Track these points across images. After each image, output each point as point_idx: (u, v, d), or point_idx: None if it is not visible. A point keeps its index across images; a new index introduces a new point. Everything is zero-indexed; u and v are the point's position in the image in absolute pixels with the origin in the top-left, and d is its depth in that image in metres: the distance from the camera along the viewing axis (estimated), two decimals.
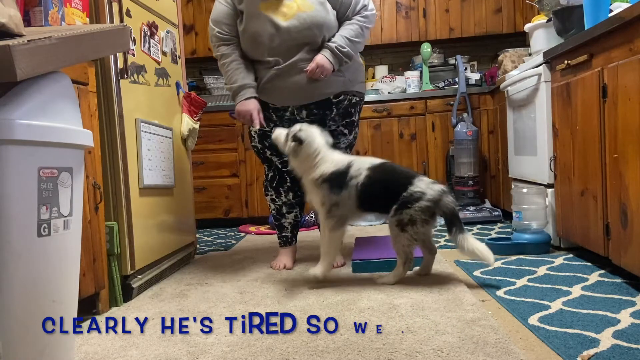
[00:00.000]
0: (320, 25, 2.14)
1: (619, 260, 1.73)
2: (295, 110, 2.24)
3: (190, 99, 2.55)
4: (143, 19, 2.18)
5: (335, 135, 2.27)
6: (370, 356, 1.28)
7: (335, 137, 2.25)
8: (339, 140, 2.29)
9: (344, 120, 2.31)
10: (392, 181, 1.95)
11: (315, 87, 2.17)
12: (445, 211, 1.89)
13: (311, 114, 2.24)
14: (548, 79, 2.38)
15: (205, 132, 3.78)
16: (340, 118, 2.29)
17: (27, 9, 1.58)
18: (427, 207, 1.88)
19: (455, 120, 3.57)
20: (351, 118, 2.32)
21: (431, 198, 1.88)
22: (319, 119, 2.23)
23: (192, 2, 4.22)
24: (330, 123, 2.27)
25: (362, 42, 2.24)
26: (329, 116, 2.25)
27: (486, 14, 4.01)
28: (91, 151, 1.73)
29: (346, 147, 2.33)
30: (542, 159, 2.45)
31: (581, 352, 1.22)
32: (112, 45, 1.33)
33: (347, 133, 2.33)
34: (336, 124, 2.29)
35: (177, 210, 2.45)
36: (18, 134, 0.98)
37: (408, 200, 1.89)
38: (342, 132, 2.31)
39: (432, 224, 1.95)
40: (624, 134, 1.64)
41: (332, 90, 2.21)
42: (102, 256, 1.79)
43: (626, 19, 1.60)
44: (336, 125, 2.29)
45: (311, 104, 2.22)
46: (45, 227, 1.07)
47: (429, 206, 1.88)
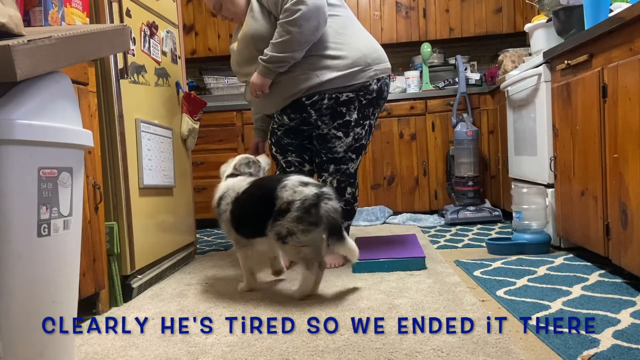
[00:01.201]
0: (249, 38, 2.15)
1: (619, 260, 1.73)
2: (277, 115, 2.28)
3: (190, 99, 2.55)
4: (143, 19, 2.18)
5: (329, 139, 2.21)
6: (370, 356, 1.28)
7: (329, 141, 2.22)
8: (334, 145, 2.22)
9: (335, 122, 2.17)
10: (257, 198, 1.79)
11: (273, 95, 2.18)
12: (325, 221, 1.69)
13: (291, 118, 2.23)
14: (548, 79, 2.38)
15: (205, 132, 3.78)
16: (330, 120, 2.17)
17: (27, 9, 1.58)
18: (299, 217, 1.67)
19: (455, 120, 3.57)
20: (344, 118, 2.16)
21: (301, 206, 1.67)
22: (301, 122, 2.22)
23: (192, 2, 4.22)
24: (322, 126, 2.20)
25: (291, 39, 2.01)
26: (310, 118, 2.18)
27: (486, 14, 4.01)
28: (91, 151, 1.73)
29: (346, 151, 2.23)
30: (542, 159, 2.45)
31: (581, 352, 1.22)
32: (112, 45, 1.33)
33: (342, 135, 2.19)
34: (328, 127, 2.19)
35: (177, 210, 2.45)
36: (18, 134, 0.98)
37: (279, 213, 1.70)
38: (336, 136, 2.19)
39: (317, 231, 1.71)
40: (624, 134, 1.64)
41: (293, 91, 2.12)
42: (102, 256, 1.79)
43: (626, 19, 1.60)
44: (328, 128, 2.19)
45: (286, 108, 2.20)
46: (45, 227, 1.07)
47: (300, 216, 1.67)
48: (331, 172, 2.27)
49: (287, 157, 2.34)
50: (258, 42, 2.13)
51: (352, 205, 2.33)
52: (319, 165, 2.31)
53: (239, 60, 2.26)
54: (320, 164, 2.30)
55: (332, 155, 2.24)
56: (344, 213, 2.31)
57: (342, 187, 2.28)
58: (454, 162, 3.60)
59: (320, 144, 2.25)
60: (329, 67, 2.11)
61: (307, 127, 2.25)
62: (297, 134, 2.30)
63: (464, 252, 2.51)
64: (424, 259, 2.15)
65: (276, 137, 2.34)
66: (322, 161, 2.29)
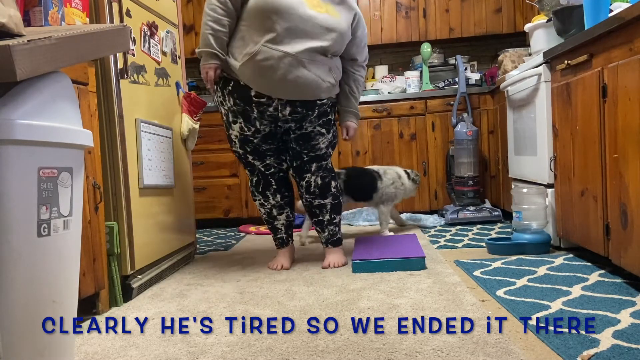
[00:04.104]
0: (341, 35, 2.17)
1: (619, 260, 1.73)
2: (280, 106, 2.15)
3: (190, 99, 2.55)
4: (143, 19, 2.18)
5: (313, 136, 2.27)
6: (370, 356, 1.28)
7: (313, 139, 2.27)
8: (317, 142, 2.28)
9: (321, 120, 2.27)
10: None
11: (313, 86, 2.14)
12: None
13: (294, 112, 2.18)
14: (548, 79, 2.38)
15: (205, 132, 3.78)
16: (317, 119, 2.26)
17: (27, 9, 1.58)
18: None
19: (455, 120, 3.57)
20: (328, 117, 2.30)
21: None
22: (299, 119, 2.21)
23: (192, 2, 4.22)
24: (307, 125, 2.25)
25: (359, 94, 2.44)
26: (310, 117, 2.22)
27: (486, 14, 4.01)
28: (91, 151, 1.73)
29: (327, 147, 2.32)
30: (542, 159, 2.45)
31: (581, 352, 1.22)
32: (112, 45, 1.33)
33: (326, 132, 2.30)
34: (312, 125, 2.25)
35: (177, 210, 2.45)
36: (18, 134, 0.98)
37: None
38: (320, 132, 2.28)
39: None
40: (624, 134, 1.64)
41: (324, 95, 2.21)
42: (102, 256, 1.79)
43: (626, 19, 1.60)
44: (312, 126, 2.26)
45: (297, 101, 2.17)
46: (45, 227, 1.07)
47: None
48: (314, 171, 2.31)
49: (265, 161, 2.30)
50: (341, 42, 2.20)
51: (338, 199, 2.39)
52: (300, 168, 2.32)
53: (309, 30, 2.09)
54: (301, 166, 2.31)
55: (314, 153, 2.30)
56: (335, 207, 2.37)
57: (327, 182, 2.34)
58: (454, 162, 3.60)
59: (303, 144, 2.28)
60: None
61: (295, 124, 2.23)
62: (274, 139, 2.28)
63: (464, 252, 2.51)
64: (424, 259, 2.15)
65: (252, 145, 2.25)
66: (303, 162, 2.31)
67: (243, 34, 2.13)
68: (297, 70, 2.08)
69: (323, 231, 2.38)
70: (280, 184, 2.36)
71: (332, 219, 2.37)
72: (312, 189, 2.33)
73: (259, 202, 2.39)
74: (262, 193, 2.36)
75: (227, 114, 2.23)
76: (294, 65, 2.07)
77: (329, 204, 2.35)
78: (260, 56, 2.06)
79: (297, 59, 2.07)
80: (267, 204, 2.37)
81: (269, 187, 2.35)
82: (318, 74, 2.13)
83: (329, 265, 2.29)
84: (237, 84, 2.15)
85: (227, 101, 2.19)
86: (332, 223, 2.37)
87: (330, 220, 2.36)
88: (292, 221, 2.45)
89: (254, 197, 2.40)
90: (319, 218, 2.37)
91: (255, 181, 2.36)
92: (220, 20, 2.11)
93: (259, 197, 2.37)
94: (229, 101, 2.19)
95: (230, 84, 2.17)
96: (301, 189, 2.36)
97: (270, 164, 2.32)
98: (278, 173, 2.36)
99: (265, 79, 2.08)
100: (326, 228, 2.37)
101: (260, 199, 2.37)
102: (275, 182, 2.35)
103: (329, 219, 2.36)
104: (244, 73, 2.10)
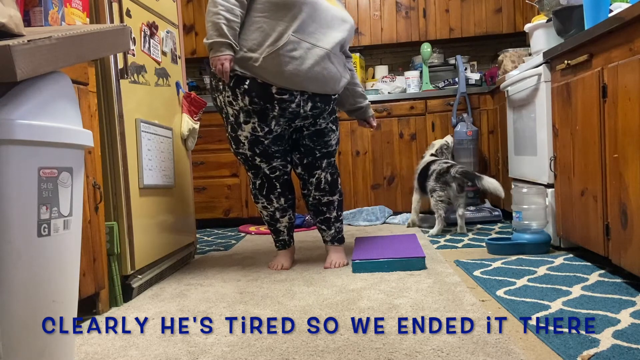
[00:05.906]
0: (352, 26, 2.26)
1: (619, 260, 1.73)
2: (302, 102, 2.11)
3: (190, 99, 2.55)
4: (143, 19, 2.18)
5: (327, 132, 2.28)
6: (370, 356, 1.28)
7: (326, 135, 2.28)
8: (330, 138, 2.30)
9: (332, 117, 2.31)
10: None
11: (335, 80, 2.19)
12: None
13: (314, 107, 2.17)
14: (548, 79, 2.38)
15: (205, 132, 3.78)
16: (329, 115, 2.29)
17: (27, 9, 1.58)
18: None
19: (455, 120, 3.57)
20: (335, 114, 2.35)
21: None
22: (317, 114, 2.22)
23: (192, 2, 4.22)
24: (321, 121, 2.26)
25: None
26: (326, 112, 2.26)
27: (486, 14, 4.01)
28: (91, 151, 1.73)
29: (336, 143, 2.36)
30: (542, 159, 2.45)
31: (581, 352, 1.22)
32: (112, 45, 1.33)
33: (335, 129, 2.33)
34: (326, 121, 2.28)
35: (177, 210, 2.45)
36: (18, 134, 0.98)
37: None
38: (331, 129, 2.31)
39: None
40: (624, 134, 1.64)
41: (341, 89, 2.26)
42: (102, 256, 1.79)
43: (626, 19, 1.60)
44: (326, 122, 2.28)
45: (317, 96, 2.15)
46: (45, 227, 1.07)
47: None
48: (324, 168, 2.32)
49: (272, 163, 2.24)
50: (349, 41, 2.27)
51: (343, 196, 2.44)
52: (311, 165, 2.30)
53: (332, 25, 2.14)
54: (313, 163, 2.30)
55: (326, 149, 2.31)
56: (340, 204, 2.41)
57: (335, 178, 2.37)
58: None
59: (317, 140, 2.27)
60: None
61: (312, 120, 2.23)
62: (282, 140, 2.25)
63: (464, 252, 2.51)
64: (424, 259, 2.15)
65: (263, 146, 2.17)
66: (315, 159, 2.30)
67: (260, 25, 2.05)
68: (324, 62, 2.09)
69: (329, 228, 2.38)
70: (284, 187, 2.33)
71: (339, 216, 2.39)
72: (322, 186, 2.33)
73: (262, 205, 2.35)
74: (266, 196, 2.32)
75: (238, 114, 2.12)
76: (322, 56, 2.08)
77: (336, 200, 2.37)
78: (289, 47, 2.01)
79: (325, 51, 2.10)
80: (270, 207, 2.34)
81: (273, 190, 2.31)
82: (338, 68, 2.19)
83: (332, 265, 2.29)
84: (254, 82, 2.05)
85: (241, 100, 2.08)
86: (339, 220, 2.39)
87: (337, 217, 2.38)
88: (294, 222, 2.44)
89: (256, 201, 2.36)
90: (326, 215, 2.36)
91: (259, 184, 2.31)
92: (233, 10, 2.02)
93: (262, 200, 2.33)
94: (243, 100, 2.07)
95: (246, 83, 2.05)
96: (310, 186, 2.34)
97: (276, 167, 2.26)
98: (283, 176, 2.32)
99: (293, 70, 2.03)
100: (333, 225, 2.37)
101: (264, 202, 2.33)
102: (279, 186, 2.31)
103: (336, 215, 2.38)
104: (265, 67, 2.01)
